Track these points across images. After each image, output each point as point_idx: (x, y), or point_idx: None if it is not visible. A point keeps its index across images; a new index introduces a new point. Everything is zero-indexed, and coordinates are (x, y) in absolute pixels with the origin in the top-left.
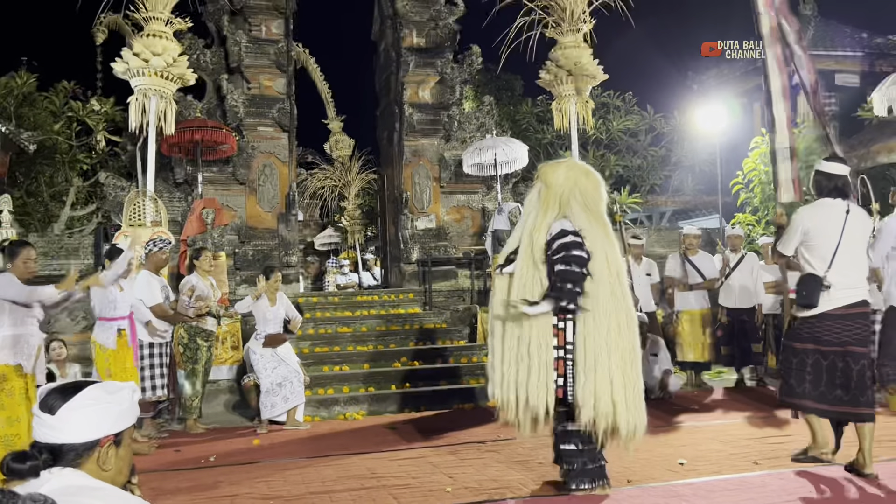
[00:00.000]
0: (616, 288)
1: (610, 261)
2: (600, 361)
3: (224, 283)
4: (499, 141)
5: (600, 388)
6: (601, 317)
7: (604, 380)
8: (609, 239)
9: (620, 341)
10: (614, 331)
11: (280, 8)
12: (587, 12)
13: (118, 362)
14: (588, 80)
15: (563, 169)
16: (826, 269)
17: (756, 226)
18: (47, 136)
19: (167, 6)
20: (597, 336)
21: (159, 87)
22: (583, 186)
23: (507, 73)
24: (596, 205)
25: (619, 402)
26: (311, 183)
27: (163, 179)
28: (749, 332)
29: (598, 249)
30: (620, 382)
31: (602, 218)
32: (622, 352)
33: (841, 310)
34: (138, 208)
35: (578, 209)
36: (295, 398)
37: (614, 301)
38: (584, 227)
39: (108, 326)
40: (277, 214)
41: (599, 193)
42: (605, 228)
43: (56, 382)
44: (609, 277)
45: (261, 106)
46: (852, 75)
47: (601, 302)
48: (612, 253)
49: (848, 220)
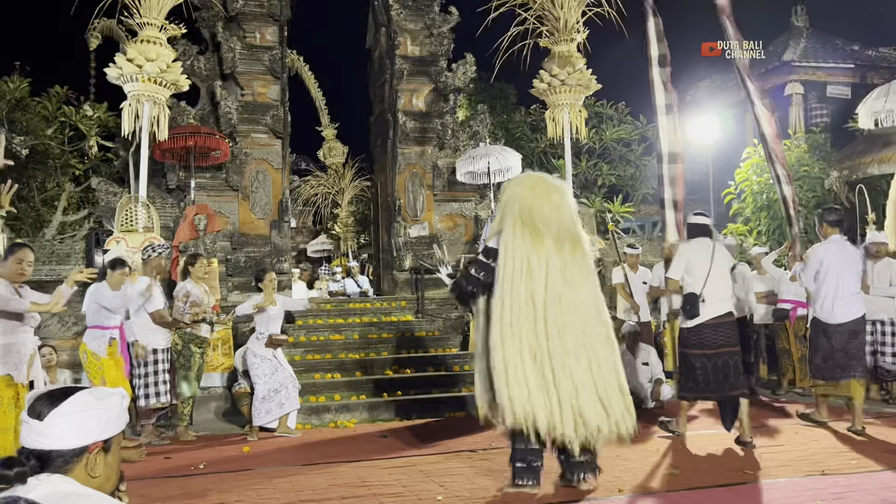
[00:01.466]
0: (538, 294)
1: (533, 267)
2: (516, 365)
3: (216, 290)
4: (492, 149)
5: (515, 394)
6: (521, 322)
7: (518, 385)
8: (539, 246)
9: (549, 345)
10: (530, 337)
11: (274, 15)
12: (581, 22)
13: (110, 370)
14: (581, 89)
15: (512, 185)
16: (701, 288)
17: (748, 236)
18: (39, 142)
19: (161, 12)
20: (509, 344)
21: (152, 93)
22: (525, 198)
23: (500, 82)
24: (532, 214)
25: (538, 406)
26: (305, 190)
27: (155, 185)
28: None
29: (517, 258)
30: (540, 386)
31: (536, 226)
32: (543, 357)
33: (713, 320)
34: (130, 214)
35: (511, 223)
36: (290, 404)
37: (532, 308)
38: (508, 238)
39: (99, 335)
40: (270, 221)
41: (545, 202)
42: (536, 237)
43: (44, 388)
44: (528, 284)
45: (254, 112)
46: (844, 87)
47: (515, 310)
48: (538, 260)
49: (714, 252)
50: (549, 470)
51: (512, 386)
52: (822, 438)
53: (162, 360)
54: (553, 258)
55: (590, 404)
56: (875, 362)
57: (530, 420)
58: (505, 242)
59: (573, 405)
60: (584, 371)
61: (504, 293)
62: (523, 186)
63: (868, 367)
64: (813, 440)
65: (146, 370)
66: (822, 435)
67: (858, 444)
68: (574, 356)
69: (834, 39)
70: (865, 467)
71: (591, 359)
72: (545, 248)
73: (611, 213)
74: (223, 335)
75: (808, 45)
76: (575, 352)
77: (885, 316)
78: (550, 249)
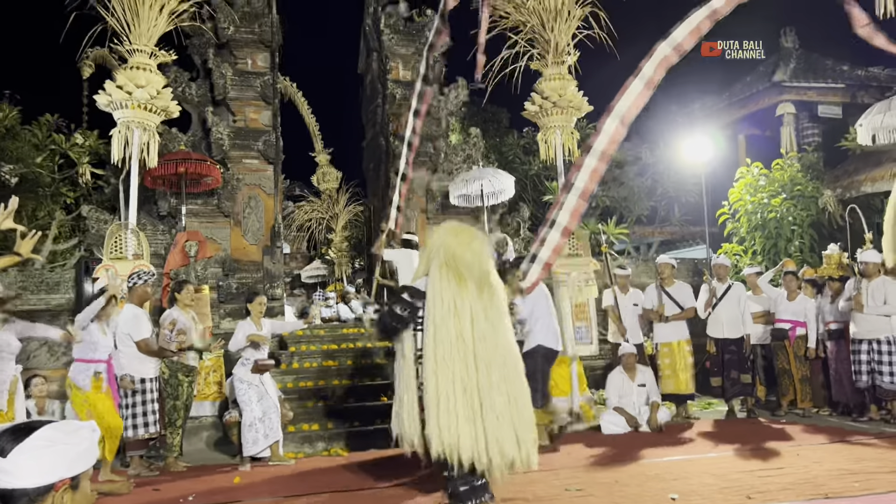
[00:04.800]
0: (466, 332)
1: (459, 309)
2: (448, 398)
3: (207, 317)
4: (485, 172)
5: (444, 423)
6: (451, 358)
7: (451, 415)
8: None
9: (478, 379)
10: (462, 371)
11: (266, 41)
12: (571, 45)
13: (96, 404)
14: (573, 111)
15: (439, 233)
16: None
17: (743, 256)
18: (29, 170)
19: (151, 39)
20: (442, 376)
21: (142, 120)
22: (449, 246)
23: (492, 105)
24: (457, 261)
25: (464, 436)
26: (299, 215)
27: (146, 212)
28: (738, 362)
29: (445, 300)
30: (468, 417)
31: (460, 272)
32: (472, 390)
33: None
34: (120, 241)
35: (437, 267)
36: (273, 434)
37: (462, 344)
38: (435, 282)
39: (84, 368)
40: (262, 247)
41: (467, 250)
42: (460, 282)
43: (13, 422)
44: (456, 323)
45: (246, 138)
46: (835, 106)
47: (446, 345)
48: (462, 303)
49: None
50: (543, 497)
51: (442, 416)
52: (825, 461)
53: (150, 389)
54: (476, 301)
55: (508, 436)
56: (872, 381)
57: (455, 448)
58: (433, 285)
59: (496, 436)
60: (503, 404)
61: (436, 331)
62: (449, 235)
63: (866, 386)
64: (815, 462)
65: (134, 400)
66: (823, 457)
67: (861, 466)
68: (497, 390)
69: (824, 60)
70: (869, 489)
71: (509, 393)
72: (469, 291)
73: (605, 234)
74: (214, 363)
75: (798, 66)
76: (498, 386)
77: (881, 335)
78: (473, 293)
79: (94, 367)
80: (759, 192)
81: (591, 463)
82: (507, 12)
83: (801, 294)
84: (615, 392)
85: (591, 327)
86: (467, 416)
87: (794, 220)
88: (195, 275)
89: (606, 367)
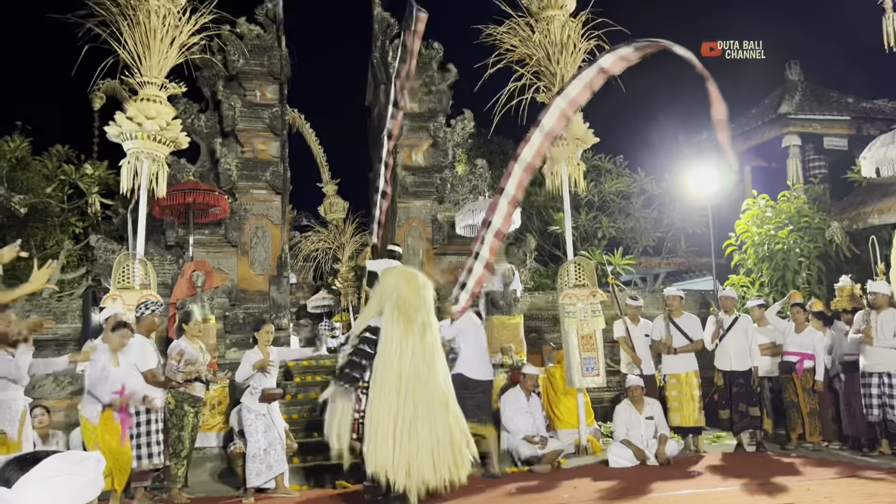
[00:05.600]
0: (406, 370)
1: (403, 349)
2: (383, 426)
3: (213, 347)
4: None
5: (380, 447)
6: (390, 392)
7: (385, 441)
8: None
9: (405, 411)
10: (401, 403)
11: (275, 74)
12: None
13: (105, 437)
14: (579, 143)
15: (392, 275)
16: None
17: (750, 287)
18: (39, 200)
19: (162, 71)
20: (382, 407)
21: (152, 151)
22: (401, 290)
23: (499, 136)
24: (406, 305)
25: (399, 460)
26: (305, 245)
27: (154, 242)
28: (746, 395)
29: (394, 340)
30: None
31: (409, 315)
32: (410, 420)
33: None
34: (127, 271)
35: (389, 309)
36: (278, 466)
37: (399, 382)
38: (387, 322)
39: (94, 399)
40: (269, 277)
41: (416, 296)
42: (408, 324)
43: (18, 453)
44: (399, 362)
45: (254, 169)
46: (840, 138)
47: (389, 381)
48: (407, 343)
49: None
50: None
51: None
52: (835, 496)
53: (155, 420)
54: (418, 342)
55: (426, 461)
56: (884, 416)
57: (383, 469)
58: (385, 326)
59: (412, 461)
60: (426, 433)
61: (383, 369)
62: (400, 280)
63: (877, 419)
64: (825, 497)
65: (139, 431)
66: (834, 492)
67: (874, 501)
68: (421, 420)
69: (828, 92)
70: None
71: (431, 423)
72: (413, 332)
73: (611, 265)
74: (219, 394)
75: (804, 99)
76: (423, 417)
77: (891, 368)
78: (417, 334)
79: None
80: (765, 224)
81: (598, 497)
82: (513, 45)
83: (809, 326)
84: (622, 425)
85: (599, 358)
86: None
87: (802, 251)
88: (202, 305)
89: (614, 399)
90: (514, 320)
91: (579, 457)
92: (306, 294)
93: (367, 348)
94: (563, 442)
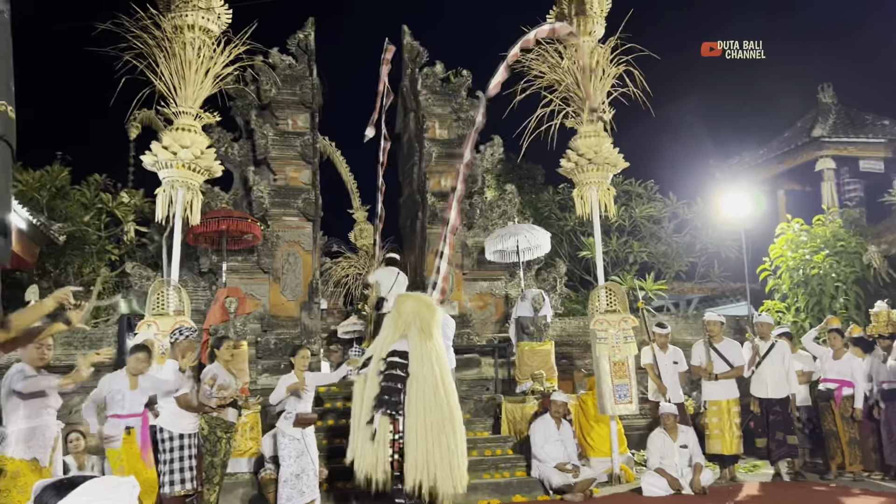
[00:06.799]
0: (440, 388)
1: (435, 367)
2: (423, 442)
3: (245, 373)
4: (521, 228)
5: (421, 461)
6: (428, 410)
7: (424, 455)
8: (438, 352)
9: (444, 428)
10: (437, 421)
11: (306, 102)
12: (606, 102)
13: (129, 460)
14: (609, 167)
15: (411, 301)
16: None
17: (786, 313)
18: (77, 228)
19: (197, 101)
20: (420, 425)
21: (186, 179)
22: (423, 315)
23: (528, 162)
24: (429, 328)
25: (437, 471)
26: (335, 271)
27: (188, 269)
28: (783, 423)
29: (424, 361)
30: (440, 456)
31: (433, 337)
32: (447, 437)
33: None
34: (162, 298)
35: (415, 332)
36: (310, 493)
37: (437, 399)
38: (415, 344)
39: (115, 424)
40: (300, 303)
41: (435, 320)
42: (435, 345)
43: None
44: (433, 381)
45: (286, 196)
46: (877, 161)
47: (427, 399)
48: (439, 362)
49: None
50: None
51: (419, 457)
52: None
53: (188, 445)
54: (438, 360)
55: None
56: None
57: (429, 483)
58: (414, 349)
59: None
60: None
61: (417, 388)
62: (421, 305)
63: None
64: None
65: (171, 456)
66: None
67: None
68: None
69: (863, 115)
70: None
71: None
72: (438, 351)
73: (643, 290)
74: (251, 419)
75: (838, 121)
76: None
77: None
78: (436, 353)
79: (124, 423)
80: (800, 249)
81: None
82: (541, 72)
83: (848, 353)
84: (656, 453)
85: (631, 385)
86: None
87: (838, 276)
88: (234, 331)
89: (647, 426)
90: (545, 346)
91: (612, 485)
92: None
93: (400, 372)
94: (595, 470)
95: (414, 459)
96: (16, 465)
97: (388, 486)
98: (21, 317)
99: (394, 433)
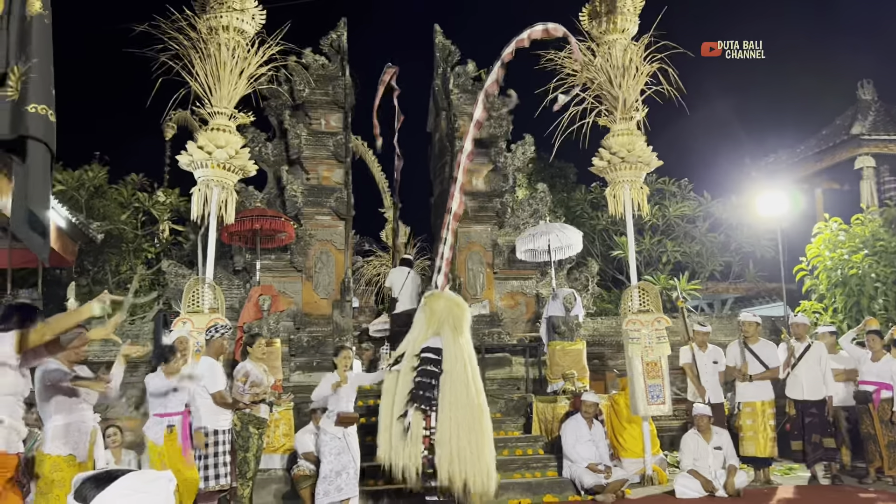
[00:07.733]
0: (471, 385)
1: (468, 365)
2: (455, 439)
3: (278, 370)
4: (552, 227)
5: (454, 457)
6: (460, 407)
7: (457, 451)
8: (470, 351)
9: (475, 425)
10: (468, 417)
11: (339, 102)
12: (640, 100)
13: (171, 459)
14: (642, 166)
15: (443, 300)
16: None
17: (823, 314)
18: (114, 226)
19: (231, 102)
20: (453, 421)
21: (221, 179)
22: (455, 313)
23: (560, 160)
24: (461, 326)
25: (468, 467)
26: (367, 270)
27: (222, 267)
28: (820, 425)
29: (458, 358)
30: (470, 452)
31: (465, 335)
32: (476, 434)
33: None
34: (197, 295)
35: (448, 330)
36: (349, 490)
37: (469, 396)
38: (449, 342)
39: (157, 422)
40: (333, 301)
41: (465, 318)
42: (467, 343)
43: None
44: (465, 378)
45: (319, 195)
46: None
47: (459, 396)
48: (471, 360)
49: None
50: None
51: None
52: None
53: (223, 441)
54: (469, 357)
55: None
56: None
57: (462, 477)
58: (448, 346)
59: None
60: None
61: (451, 384)
62: (452, 304)
63: None
64: None
65: (207, 452)
66: None
67: None
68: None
69: None
70: None
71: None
72: (469, 349)
73: (677, 290)
74: (284, 416)
75: (878, 118)
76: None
77: None
78: (466, 349)
79: (165, 421)
80: (838, 248)
81: None
82: (574, 70)
83: (888, 355)
84: (689, 454)
85: (665, 386)
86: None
87: (878, 276)
88: (267, 328)
89: (681, 427)
90: (577, 346)
91: (644, 487)
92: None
93: (434, 368)
94: (627, 471)
95: (448, 455)
96: (53, 460)
97: (419, 482)
98: (59, 321)
99: (426, 428)
